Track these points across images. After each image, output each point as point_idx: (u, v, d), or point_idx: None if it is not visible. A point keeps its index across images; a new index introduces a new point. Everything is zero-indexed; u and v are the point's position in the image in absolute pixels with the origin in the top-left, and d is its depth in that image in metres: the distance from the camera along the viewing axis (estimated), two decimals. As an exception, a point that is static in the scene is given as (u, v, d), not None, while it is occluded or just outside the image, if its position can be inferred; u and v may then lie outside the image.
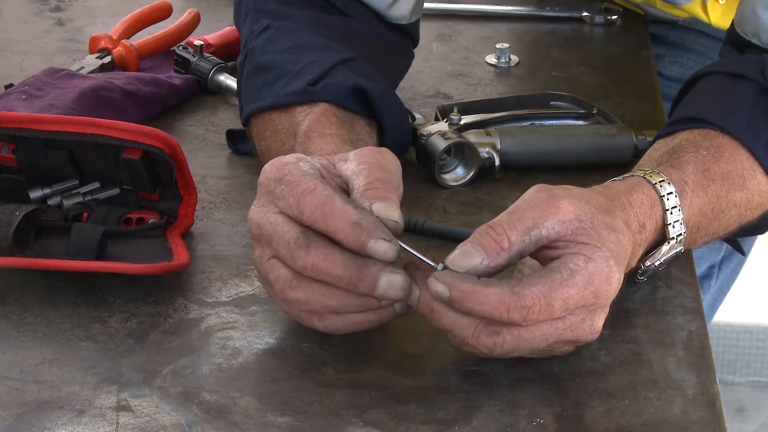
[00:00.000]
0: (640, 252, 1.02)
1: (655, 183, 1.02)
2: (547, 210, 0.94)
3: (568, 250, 0.93)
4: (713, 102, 1.12)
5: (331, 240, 0.92)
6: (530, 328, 0.92)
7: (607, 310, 0.95)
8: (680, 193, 1.03)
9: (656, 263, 1.04)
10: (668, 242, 1.03)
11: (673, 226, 1.03)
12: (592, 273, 0.92)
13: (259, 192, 0.97)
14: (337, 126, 1.11)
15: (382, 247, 0.91)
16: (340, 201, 0.92)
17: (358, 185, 0.95)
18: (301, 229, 0.93)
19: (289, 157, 0.97)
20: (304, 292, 0.94)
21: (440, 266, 0.93)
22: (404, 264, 0.95)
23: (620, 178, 1.04)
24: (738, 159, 1.08)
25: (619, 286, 0.95)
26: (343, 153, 0.99)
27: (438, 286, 0.91)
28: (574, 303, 0.92)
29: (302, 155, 0.98)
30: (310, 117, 1.12)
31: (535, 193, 0.96)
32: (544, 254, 0.94)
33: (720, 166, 1.06)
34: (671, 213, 1.02)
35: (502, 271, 0.94)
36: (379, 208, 0.93)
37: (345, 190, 0.96)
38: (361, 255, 0.92)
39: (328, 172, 0.97)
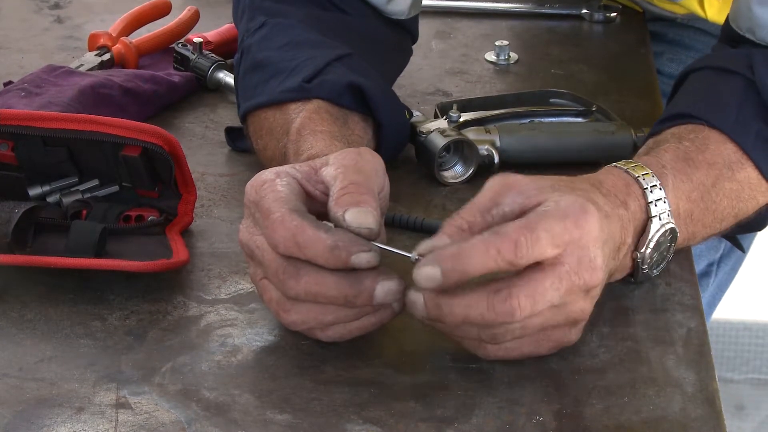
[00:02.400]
0: (631, 229, 1.01)
1: (627, 168, 1.03)
2: (501, 189, 0.95)
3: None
4: (701, 98, 1.12)
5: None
6: (537, 279, 0.91)
7: (598, 246, 0.94)
8: (660, 176, 1.03)
9: (650, 246, 1.03)
10: (651, 220, 1.02)
11: (656, 205, 1.02)
12: (564, 207, 0.92)
13: (245, 212, 0.97)
14: (328, 123, 1.11)
15: (364, 259, 0.92)
16: (310, 228, 0.92)
17: (333, 192, 0.95)
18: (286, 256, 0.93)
19: (268, 174, 0.97)
20: (297, 313, 0.95)
21: (414, 255, 0.93)
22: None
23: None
24: (724, 152, 1.08)
25: (599, 226, 0.93)
26: (326, 156, 0.99)
27: (427, 269, 0.90)
28: (560, 236, 0.91)
29: (282, 169, 0.97)
30: (302, 114, 1.12)
31: (490, 182, 0.97)
32: None
33: (705, 156, 1.06)
34: (651, 191, 1.02)
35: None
36: (351, 217, 0.93)
37: (328, 195, 0.97)
38: (349, 269, 0.92)
39: (309, 179, 0.97)
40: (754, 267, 2.09)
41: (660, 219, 1.02)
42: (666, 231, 1.03)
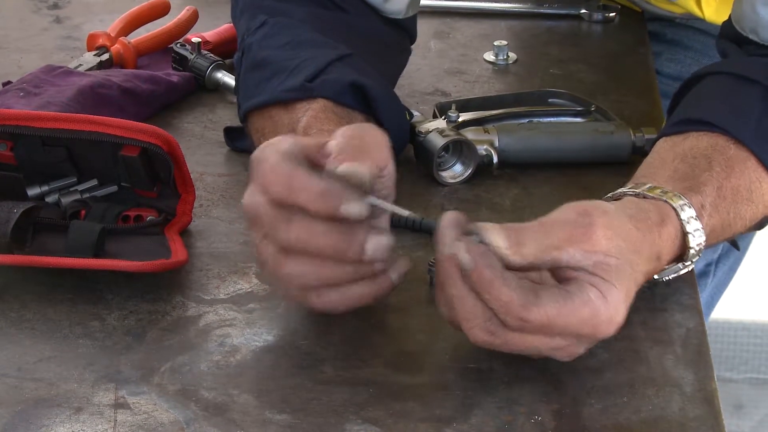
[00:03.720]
0: (660, 269, 1.03)
1: (684, 219, 1.01)
2: (577, 236, 0.92)
3: (586, 278, 0.92)
4: (721, 104, 1.12)
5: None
6: (521, 337, 0.92)
7: (593, 344, 0.95)
8: (699, 217, 1.03)
9: (663, 278, 1.05)
10: (685, 266, 1.04)
11: (689, 252, 1.03)
12: (601, 311, 0.92)
13: (250, 177, 0.97)
14: (335, 122, 1.11)
15: (354, 208, 0.91)
16: (304, 174, 0.92)
17: (331, 156, 0.95)
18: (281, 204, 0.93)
19: (273, 138, 0.97)
20: (294, 263, 0.94)
21: (410, 213, 0.96)
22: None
23: (653, 196, 1.02)
24: (746, 173, 1.08)
25: (619, 326, 0.94)
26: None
27: (465, 257, 0.90)
28: (571, 331, 0.92)
29: (288, 135, 0.97)
30: (309, 113, 1.12)
31: (575, 215, 0.94)
32: (559, 273, 0.93)
33: (730, 182, 1.06)
34: (692, 251, 1.03)
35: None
36: (344, 168, 0.93)
37: None
38: (343, 222, 0.92)
39: (317, 149, 0.96)
40: (752, 267, 2.09)
41: (692, 262, 1.04)
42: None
